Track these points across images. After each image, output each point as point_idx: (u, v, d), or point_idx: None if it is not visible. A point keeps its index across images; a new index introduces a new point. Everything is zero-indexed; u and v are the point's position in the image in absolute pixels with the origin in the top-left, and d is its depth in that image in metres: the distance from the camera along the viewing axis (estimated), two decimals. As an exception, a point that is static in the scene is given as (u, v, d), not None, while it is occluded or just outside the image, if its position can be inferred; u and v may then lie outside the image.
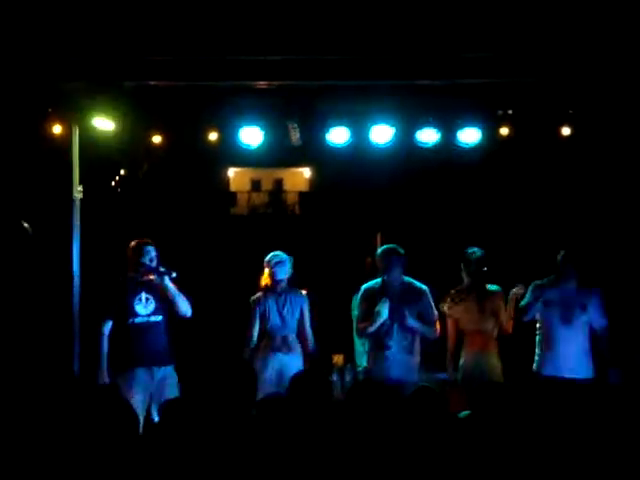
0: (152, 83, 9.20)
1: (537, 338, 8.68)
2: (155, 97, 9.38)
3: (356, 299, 8.87)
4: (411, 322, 8.32)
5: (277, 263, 8.83)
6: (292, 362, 8.52)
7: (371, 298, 8.51)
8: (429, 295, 8.54)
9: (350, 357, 9.81)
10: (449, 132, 9.65)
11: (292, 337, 8.74)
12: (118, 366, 8.12)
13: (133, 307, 8.17)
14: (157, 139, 10.03)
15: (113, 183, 15.66)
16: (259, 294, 8.82)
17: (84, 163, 9.63)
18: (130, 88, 9.16)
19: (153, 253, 8.27)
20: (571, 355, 8.49)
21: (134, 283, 8.25)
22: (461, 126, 9.62)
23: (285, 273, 8.84)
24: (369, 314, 8.42)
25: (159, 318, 8.25)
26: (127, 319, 8.17)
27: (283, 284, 8.82)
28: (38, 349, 8.65)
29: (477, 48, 9.19)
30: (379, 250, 8.59)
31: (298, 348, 8.73)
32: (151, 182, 16.44)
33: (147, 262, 8.21)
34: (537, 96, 9.46)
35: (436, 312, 8.54)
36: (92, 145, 9.77)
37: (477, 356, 8.81)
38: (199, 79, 9.25)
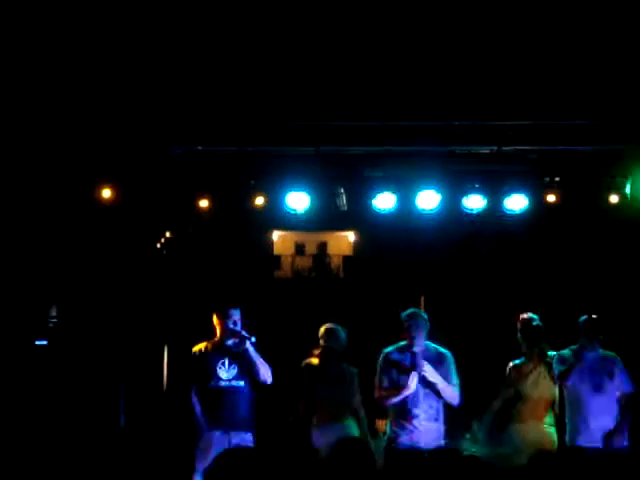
0: (199, 148, 9.33)
1: (566, 409, 8.57)
2: (202, 161, 9.46)
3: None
4: (434, 377, 8.22)
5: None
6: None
7: (393, 364, 8.46)
8: (452, 361, 8.44)
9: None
10: (495, 198, 9.62)
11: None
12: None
13: (216, 371, 8.20)
14: (204, 203, 10.08)
15: (158, 245, 15.77)
16: None
17: (132, 226, 9.72)
18: (177, 153, 9.27)
19: (237, 316, 8.32)
20: (604, 424, 8.39)
21: (218, 348, 8.30)
22: (508, 193, 9.59)
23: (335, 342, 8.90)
24: (391, 382, 8.39)
25: (241, 383, 8.27)
26: (209, 383, 8.21)
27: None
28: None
29: (523, 116, 9.23)
30: (403, 314, 8.51)
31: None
32: (196, 245, 16.54)
33: (231, 325, 8.25)
34: (584, 163, 9.44)
35: (458, 379, 8.41)
36: (139, 208, 9.86)
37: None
38: (246, 144, 9.36)
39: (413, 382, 8.21)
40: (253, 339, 8.18)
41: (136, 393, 9.75)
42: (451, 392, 8.31)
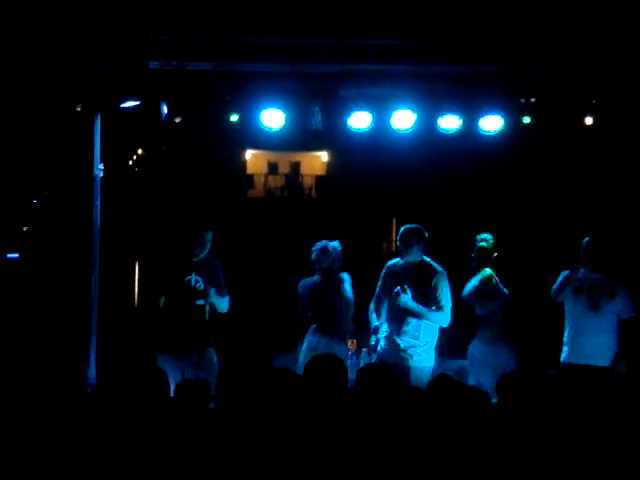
0: (175, 63, 9.23)
1: (566, 328, 8.68)
2: (178, 78, 9.38)
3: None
4: (405, 303, 8.30)
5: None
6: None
7: (388, 277, 8.57)
8: (444, 278, 8.49)
9: (363, 342, 9.82)
10: (471, 119, 9.61)
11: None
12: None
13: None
14: (177, 119, 10.00)
15: (131, 162, 15.65)
16: None
17: (104, 142, 9.64)
18: (153, 69, 9.18)
19: (209, 238, 8.40)
20: (598, 344, 8.49)
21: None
22: (483, 113, 9.58)
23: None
24: (382, 293, 8.51)
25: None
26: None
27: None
28: (57, 325, 8.70)
29: (501, 35, 9.17)
30: (402, 228, 8.60)
31: None
32: (168, 162, 16.43)
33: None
34: (560, 85, 9.42)
35: (449, 298, 8.47)
36: (112, 124, 9.78)
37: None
38: (222, 60, 9.27)
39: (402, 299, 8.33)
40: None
41: (108, 310, 9.75)
42: (434, 314, 8.39)
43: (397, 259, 8.62)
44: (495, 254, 9.01)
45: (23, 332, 8.70)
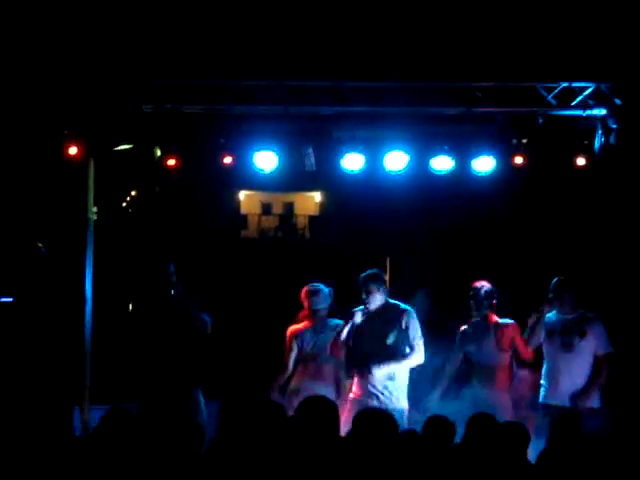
0: (169, 106, 9.28)
1: (543, 368, 8.66)
2: (172, 121, 9.42)
3: None
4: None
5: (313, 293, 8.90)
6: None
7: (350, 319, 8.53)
8: (413, 316, 8.44)
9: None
10: (463, 160, 9.64)
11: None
12: None
13: None
14: (171, 161, 10.01)
15: (124, 204, 15.70)
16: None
17: (97, 184, 9.67)
18: (147, 112, 9.23)
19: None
20: (574, 384, 8.47)
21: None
22: (476, 154, 9.61)
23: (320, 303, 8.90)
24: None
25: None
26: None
27: (320, 314, 8.88)
28: (49, 369, 8.67)
29: (492, 77, 9.25)
30: (361, 276, 8.55)
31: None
32: (162, 204, 16.48)
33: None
34: (552, 126, 9.48)
35: (420, 336, 8.42)
36: (106, 167, 9.81)
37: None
38: (215, 103, 9.33)
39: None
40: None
41: (102, 353, 9.74)
42: (408, 362, 8.36)
43: (361, 307, 8.55)
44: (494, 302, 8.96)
45: (17, 375, 8.66)
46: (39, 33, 8.70)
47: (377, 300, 8.39)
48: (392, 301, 8.47)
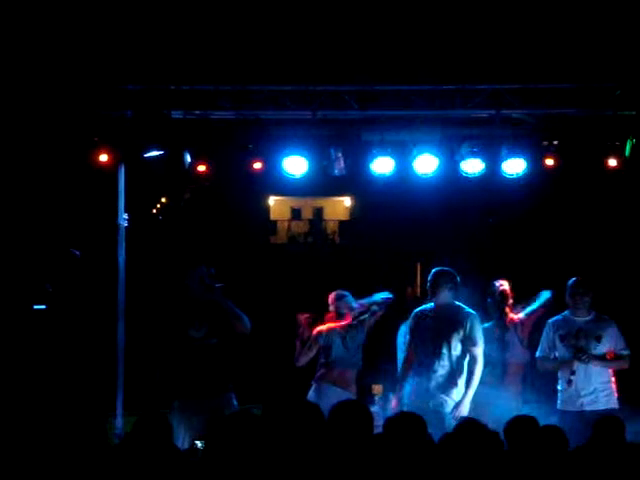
0: (198, 113, 9.31)
1: (558, 375, 8.59)
2: (201, 127, 9.45)
3: (405, 326, 8.83)
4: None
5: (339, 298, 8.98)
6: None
7: (417, 321, 8.52)
8: (476, 320, 8.45)
9: (390, 387, 9.74)
10: (494, 162, 9.60)
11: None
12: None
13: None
14: (201, 168, 10.04)
15: (155, 211, 15.76)
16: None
17: (128, 191, 9.71)
18: (176, 118, 9.26)
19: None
20: (591, 388, 8.42)
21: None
22: (506, 157, 9.56)
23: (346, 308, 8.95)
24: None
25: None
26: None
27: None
28: (83, 376, 8.70)
29: (523, 79, 9.21)
30: (431, 272, 8.56)
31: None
32: (192, 210, 16.54)
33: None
34: (583, 127, 9.43)
35: (482, 339, 8.39)
36: (136, 173, 9.85)
37: None
38: (244, 109, 9.35)
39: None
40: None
41: (135, 361, 9.78)
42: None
43: (425, 305, 8.55)
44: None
45: (50, 382, 8.70)
46: (69, 41, 8.75)
47: (445, 299, 8.39)
48: (457, 303, 8.45)
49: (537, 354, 8.64)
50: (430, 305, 8.47)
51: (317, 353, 8.93)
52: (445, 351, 8.27)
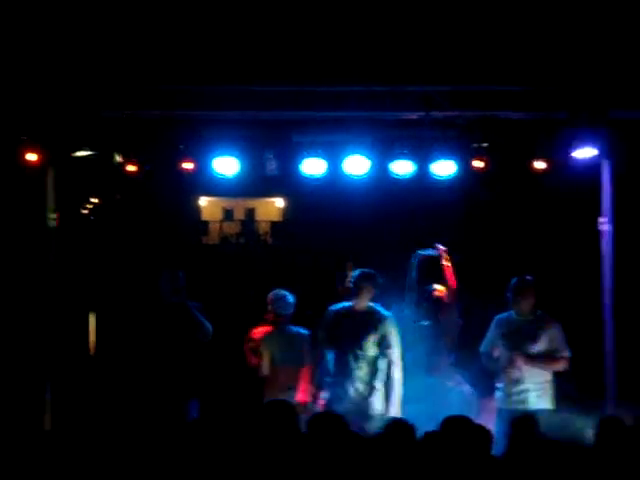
0: (129, 113, 9.24)
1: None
2: (132, 127, 9.38)
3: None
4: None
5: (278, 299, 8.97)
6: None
7: (332, 321, 8.53)
8: (392, 324, 8.50)
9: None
10: (424, 164, 9.66)
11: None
12: None
13: None
14: (131, 168, 9.96)
15: (85, 211, 15.59)
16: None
17: (57, 191, 9.61)
18: (107, 117, 9.19)
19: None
20: (522, 387, 8.50)
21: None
22: (436, 158, 9.63)
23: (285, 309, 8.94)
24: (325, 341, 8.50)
25: None
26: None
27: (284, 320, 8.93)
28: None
29: (452, 80, 9.28)
30: (355, 273, 8.61)
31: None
32: (124, 211, 16.40)
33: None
34: (512, 130, 9.53)
35: (397, 342, 8.48)
36: (65, 173, 9.76)
37: None
38: (176, 109, 9.30)
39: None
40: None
41: (63, 360, 9.68)
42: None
43: (340, 305, 8.60)
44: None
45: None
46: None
47: (364, 301, 8.44)
48: (374, 305, 8.51)
49: (481, 349, 8.75)
50: (347, 305, 8.53)
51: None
52: (361, 353, 8.34)
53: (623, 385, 9.19)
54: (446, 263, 9.06)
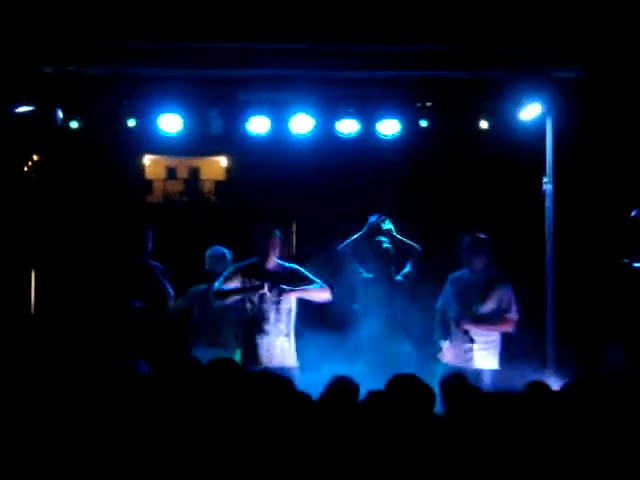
0: (71, 68, 9.12)
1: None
2: (74, 83, 9.26)
3: None
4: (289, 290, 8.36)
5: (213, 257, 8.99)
6: None
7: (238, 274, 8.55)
8: (302, 269, 8.53)
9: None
10: (369, 123, 9.68)
11: None
12: None
13: None
14: (74, 125, 9.85)
15: (26, 169, 15.38)
16: None
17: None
18: (48, 73, 9.05)
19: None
20: (469, 348, 8.58)
21: None
22: (381, 117, 9.65)
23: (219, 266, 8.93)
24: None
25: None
26: None
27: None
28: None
29: (397, 39, 9.27)
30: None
31: None
32: (66, 168, 16.22)
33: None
34: (456, 89, 9.56)
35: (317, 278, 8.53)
36: (5, 130, 9.63)
37: None
38: (119, 65, 9.19)
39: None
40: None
41: (2, 318, 9.61)
42: (319, 292, 8.42)
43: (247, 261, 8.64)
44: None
45: None
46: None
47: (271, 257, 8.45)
48: (279, 261, 8.53)
49: (437, 305, 8.81)
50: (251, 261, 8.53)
51: None
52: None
53: (563, 348, 9.31)
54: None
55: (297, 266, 8.51)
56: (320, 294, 8.40)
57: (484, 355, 8.56)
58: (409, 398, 5.37)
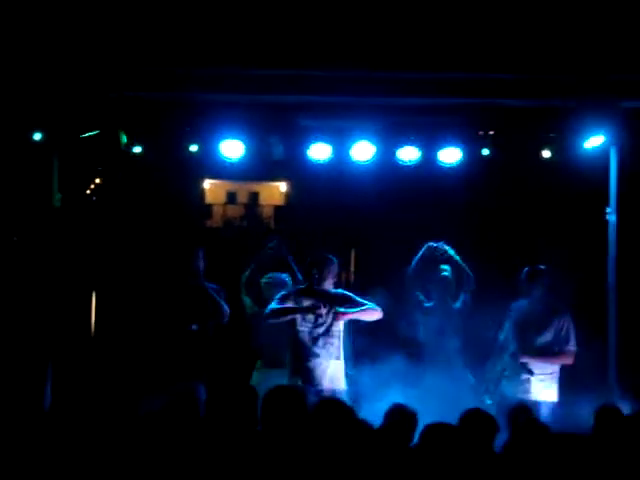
0: (135, 94, 9.21)
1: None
2: (138, 108, 9.35)
3: None
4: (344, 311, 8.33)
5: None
6: None
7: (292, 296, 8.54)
8: (350, 294, 8.51)
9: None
10: (430, 151, 9.65)
11: None
12: None
13: None
14: (136, 149, 9.94)
15: (89, 192, 15.59)
16: None
17: (62, 171, 9.61)
18: (113, 98, 9.15)
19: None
20: (518, 379, 8.50)
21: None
22: (442, 145, 9.61)
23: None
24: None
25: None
26: None
27: None
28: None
29: (460, 68, 9.23)
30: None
31: None
32: (127, 192, 16.39)
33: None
34: (518, 118, 9.50)
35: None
36: (70, 154, 9.75)
37: None
38: (182, 91, 9.26)
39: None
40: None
41: (64, 340, 9.69)
42: (371, 312, 8.37)
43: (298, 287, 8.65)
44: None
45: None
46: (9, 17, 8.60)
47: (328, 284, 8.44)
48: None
49: (499, 337, 8.76)
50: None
51: None
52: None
53: (626, 376, 9.18)
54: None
55: (345, 291, 8.55)
56: (372, 314, 8.39)
57: (542, 387, 8.46)
58: (475, 431, 5.33)
